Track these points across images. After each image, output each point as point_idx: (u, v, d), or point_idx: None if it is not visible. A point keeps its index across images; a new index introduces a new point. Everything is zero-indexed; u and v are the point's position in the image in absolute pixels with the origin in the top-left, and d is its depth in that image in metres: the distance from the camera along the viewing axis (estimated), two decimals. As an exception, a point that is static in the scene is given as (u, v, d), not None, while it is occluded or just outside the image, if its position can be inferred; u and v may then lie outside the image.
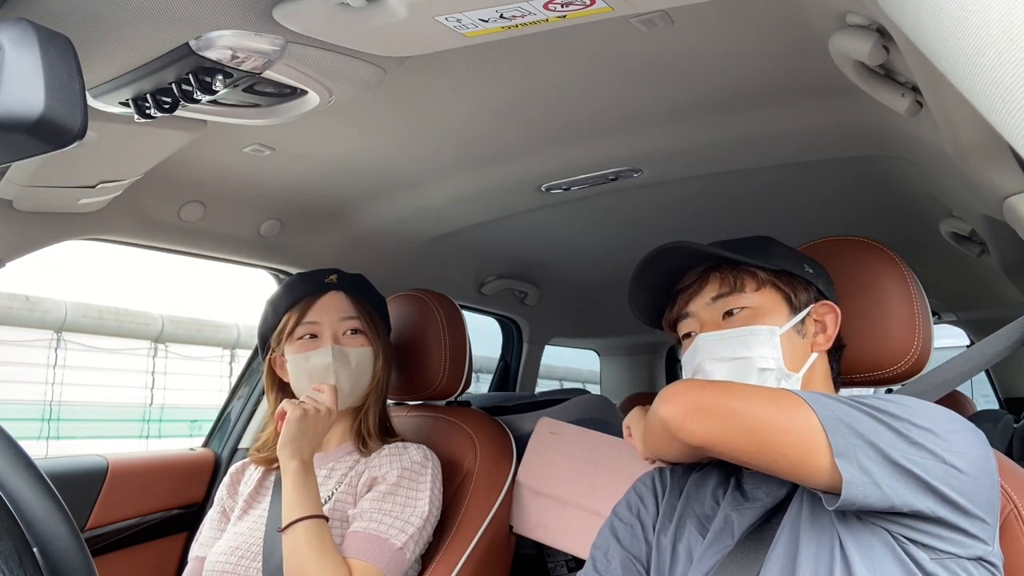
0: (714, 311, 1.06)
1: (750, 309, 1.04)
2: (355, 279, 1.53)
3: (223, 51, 0.94)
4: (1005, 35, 0.46)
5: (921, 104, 1.01)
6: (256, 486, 1.47)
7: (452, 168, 1.67)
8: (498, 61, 1.17)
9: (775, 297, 1.05)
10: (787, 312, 1.04)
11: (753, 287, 1.05)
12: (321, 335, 1.43)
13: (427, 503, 1.36)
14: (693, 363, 1.06)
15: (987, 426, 2.55)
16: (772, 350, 1.01)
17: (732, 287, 1.05)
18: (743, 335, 1.02)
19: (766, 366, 1.00)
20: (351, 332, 1.45)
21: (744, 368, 1.01)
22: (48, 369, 8.27)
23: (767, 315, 1.03)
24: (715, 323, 1.05)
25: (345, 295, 1.48)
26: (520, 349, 3.16)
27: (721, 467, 1.07)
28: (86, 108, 0.55)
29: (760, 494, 0.98)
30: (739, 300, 1.04)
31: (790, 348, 1.02)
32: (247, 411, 2.00)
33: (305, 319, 1.43)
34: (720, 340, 1.03)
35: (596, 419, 1.91)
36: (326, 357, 1.40)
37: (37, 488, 0.61)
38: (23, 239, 1.42)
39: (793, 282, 1.06)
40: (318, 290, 1.46)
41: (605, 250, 2.42)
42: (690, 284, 1.09)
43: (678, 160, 1.61)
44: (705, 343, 1.04)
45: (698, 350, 1.05)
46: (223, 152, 1.48)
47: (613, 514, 1.12)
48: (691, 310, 1.08)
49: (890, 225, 2.00)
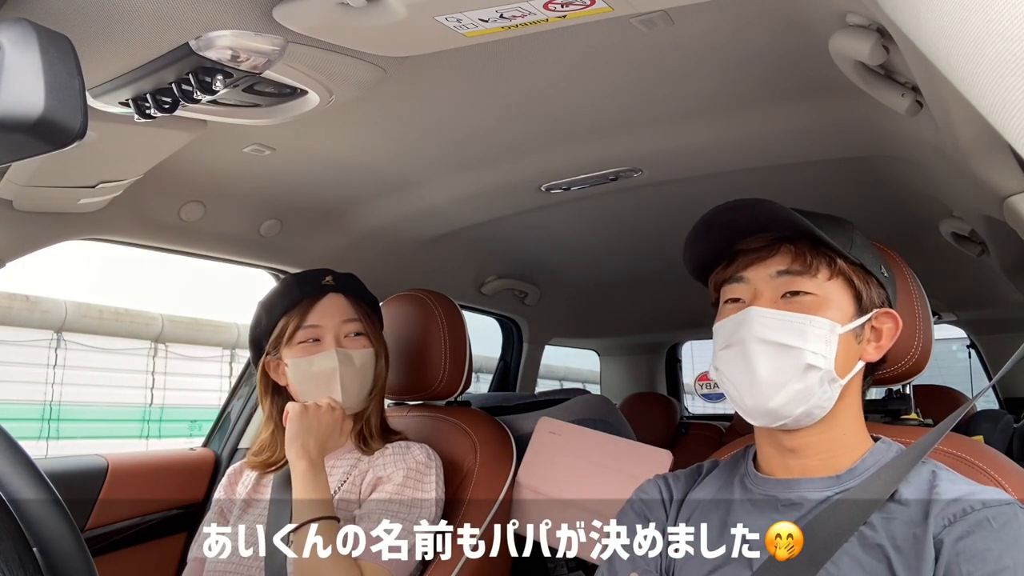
0: (775, 286, 0.95)
1: (815, 297, 0.94)
2: (349, 279, 1.51)
3: (223, 51, 0.94)
4: (1005, 35, 0.46)
5: (921, 104, 1.01)
6: (254, 486, 1.47)
7: (452, 168, 1.67)
8: (498, 61, 1.17)
9: (845, 291, 0.95)
10: (852, 311, 0.95)
11: (826, 275, 0.95)
12: (323, 339, 1.41)
13: (433, 504, 1.36)
14: (732, 335, 0.95)
15: (987, 426, 2.55)
16: (827, 347, 0.92)
17: (804, 267, 0.94)
18: (802, 323, 0.92)
19: (815, 363, 0.91)
20: (354, 334, 1.44)
21: (790, 359, 0.92)
22: (48, 369, 8.27)
23: (831, 308, 0.94)
24: (771, 299, 0.95)
25: (344, 297, 1.46)
26: (520, 349, 3.16)
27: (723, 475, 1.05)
28: (86, 108, 0.55)
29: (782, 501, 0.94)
30: (807, 284, 0.94)
31: (844, 350, 0.94)
32: (247, 411, 2.00)
33: (306, 323, 1.41)
34: (774, 320, 0.93)
35: (596, 419, 1.91)
36: (331, 361, 1.39)
37: (37, 488, 0.61)
38: (23, 239, 1.42)
39: (868, 280, 0.97)
40: (317, 292, 1.44)
41: (605, 250, 2.43)
42: (757, 248, 0.97)
43: (678, 160, 1.61)
44: (756, 318, 0.93)
45: (744, 323, 0.94)
46: (223, 152, 1.48)
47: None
48: (749, 275, 0.97)
49: (890, 225, 2.00)
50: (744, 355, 0.93)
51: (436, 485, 1.39)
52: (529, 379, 3.23)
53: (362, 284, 1.54)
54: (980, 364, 3.75)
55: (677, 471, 1.11)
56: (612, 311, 3.21)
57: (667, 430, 3.41)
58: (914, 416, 1.17)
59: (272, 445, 1.46)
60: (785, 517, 0.92)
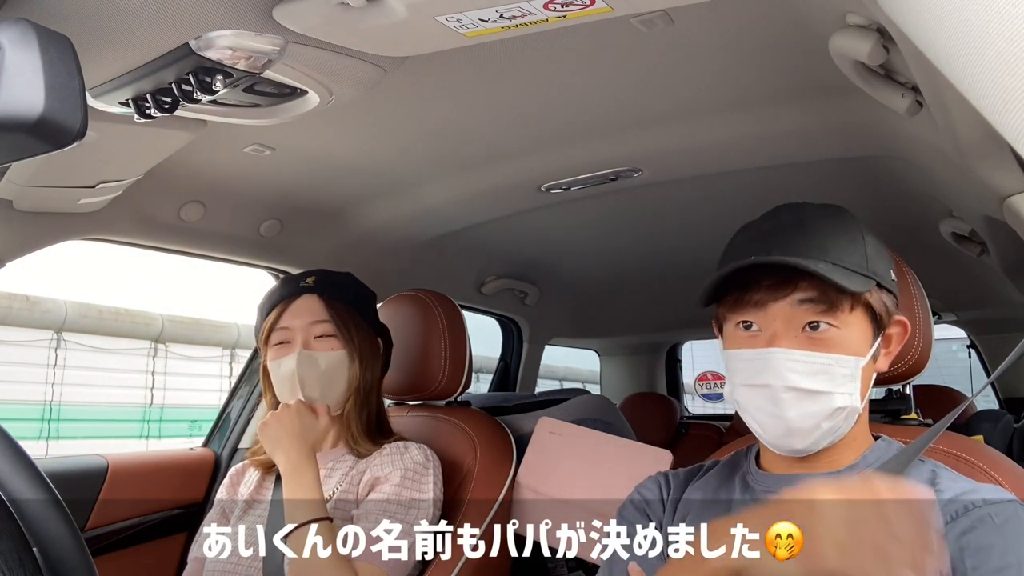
0: (796, 317, 0.90)
1: (838, 331, 0.89)
2: (336, 279, 1.50)
3: (223, 51, 0.94)
4: (1005, 35, 0.46)
5: (921, 104, 1.01)
6: (256, 487, 1.47)
7: (452, 168, 1.67)
8: (498, 61, 1.17)
9: (864, 317, 0.91)
10: (871, 334, 0.92)
11: (848, 308, 0.90)
12: (293, 340, 1.42)
13: (431, 504, 1.36)
14: (756, 376, 0.91)
15: (987, 426, 2.55)
16: (853, 384, 0.89)
17: (830, 302, 0.89)
18: (829, 364, 0.88)
19: (843, 404, 0.89)
20: (321, 336, 1.43)
21: (820, 405, 0.89)
22: (48, 369, 8.27)
23: (853, 340, 0.90)
24: (790, 335, 0.90)
25: (319, 298, 1.44)
26: (520, 349, 3.16)
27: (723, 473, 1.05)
28: (86, 108, 0.55)
29: None
30: (830, 318, 0.89)
31: (866, 377, 0.91)
32: (247, 411, 2.00)
33: (279, 324, 1.42)
34: (801, 364, 0.88)
35: (596, 419, 1.91)
36: (292, 364, 1.39)
37: (37, 488, 0.61)
38: (23, 239, 1.42)
39: (883, 295, 0.92)
40: (292, 294, 1.45)
41: (605, 250, 2.43)
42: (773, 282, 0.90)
43: (678, 160, 1.61)
44: (783, 361, 0.88)
45: (769, 366, 0.89)
46: (223, 152, 1.48)
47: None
48: (769, 303, 0.91)
49: (890, 225, 2.00)
50: (772, 400, 0.90)
51: (434, 485, 1.38)
52: (529, 379, 3.23)
53: (353, 284, 1.53)
54: (980, 364, 3.76)
55: (678, 469, 1.11)
56: (612, 311, 3.22)
57: (667, 430, 3.41)
58: (914, 416, 1.17)
59: None
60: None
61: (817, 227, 0.93)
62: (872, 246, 0.94)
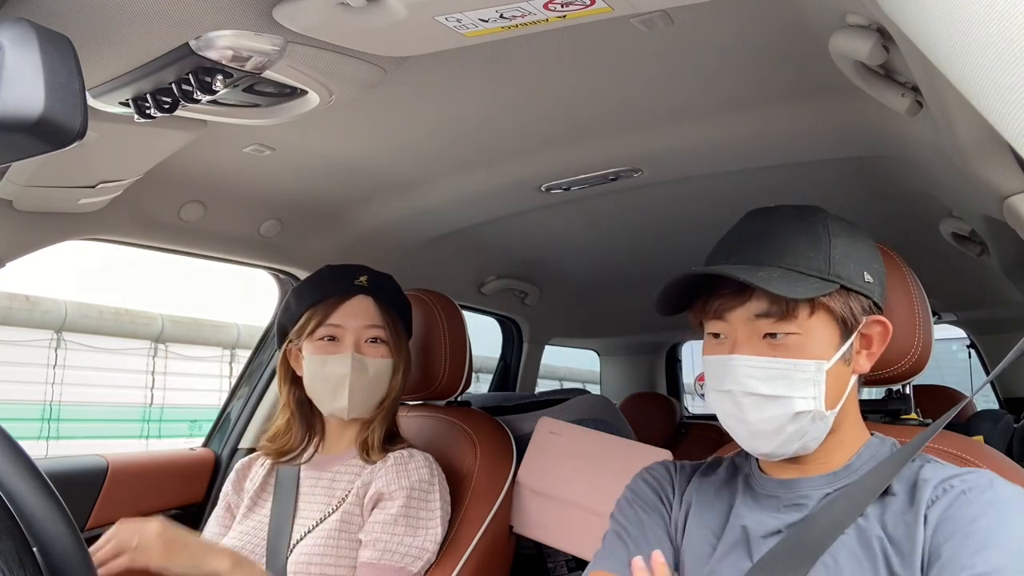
0: (753, 328, 0.92)
1: (798, 336, 0.91)
2: (384, 281, 1.48)
3: (223, 51, 0.94)
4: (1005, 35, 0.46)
5: (921, 104, 1.01)
6: (261, 483, 1.46)
7: (452, 168, 1.67)
8: (498, 61, 1.17)
9: (828, 321, 0.92)
10: (838, 337, 0.92)
11: (807, 313, 0.91)
12: (342, 339, 1.39)
13: (439, 524, 1.35)
14: (720, 381, 0.94)
15: (987, 426, 2.56)
16: (815, 388, 0.90)
17: (782, 311, 0.90)
18: (787, 369, 0.90)
19: (804, 408, 0.90)
20: (374, 341, 1.41)
21: (779, 408, 0.90)
22: (48, 369, 8.27)
23: (815, 344, 0.91)
24: (752, 342, 0.92)
25: (373, 300, 1.42)
26: (520, 349, 3.17)
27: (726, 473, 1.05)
28: (86, 108, 0.55)
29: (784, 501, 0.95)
30: (787, 326, 0.91)
31: (833, 381, 0.92)
32: (247, 411, 2.00)
33: (328, 320, 1.39)
34: (759, 370, 0.91)
35: (596, 419, 1.91)
36: (344, 366, 1.36)
37: (37, 488, 0.61)
38: (23, 239, 1.42)
39: (849, 298, 0.93)
40: (346, 292, 1.41)
41: (605, 250, 2.43)
42: (730, 292, 0.94)
43: (678, 160, 1.61)
44: (741, 368, 0.92)
45: (729, 373, 0.93)
46: (223, 152, 1.48)
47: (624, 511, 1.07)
48: (727, 318, 0.94)
49: (890, 225, 2.00)
50: (734, 404, 0.93)
51: (441, 503, 1.37)
52: (529, 379, 3.23)
53: (398, 288, 1.51)
54: (980, 364, 3.76)
55: (683, 462, 1.12)
56: (612, 311, 3.22)
57: (667, 430, 3.41)
58: (914, 416, 1.17)
59: (287, 432, 1.45)
60: (788, 516, 0.94)
61: (779, 233, 0.95)
62: (841, 249, 0.94)
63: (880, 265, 1.00)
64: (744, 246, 0.96)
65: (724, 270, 0.91)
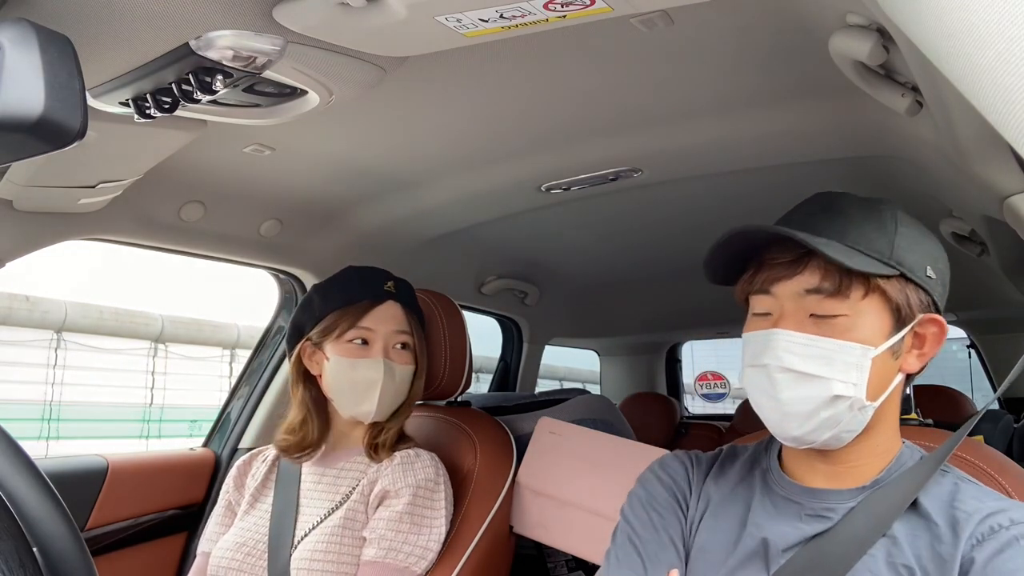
0: (802, 304, 0.88)
1: (847, 318, 0.86)
2: (407, 288, 1.49)
3: (223, 51, 0.94)
4: (1005, 35, 0.46)
5: (921, 104, 1.01)
6: (262, 480, 1.46)
7: (452, 168, 1.67)
8: (498, 61, 1.17)
9: (881, 307, 0.87)
10: (890, 326, 0.87)
11: (861, 294, 0.86)
12: (372, 344, 1.40)
13: (443, 523, 1.36)
14: (758, 356, 0.89)
15: (987, 426, 2.55)
16: (858, 374, 0.85)
17: (835, 287, 0.86)
18: (831, 349, 0.85)
19: (843, 393, 0.85)
20: (401, 346, 1.43)
21: (816, 390, 0.85)
22: (48, 369, 8.26)
23: (864, 328, 0.86)
24: (797, 318, 0.87)
25: (402, 307, 1.44)
26: (520, 349, 3.17)
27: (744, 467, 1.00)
28: (86, 108, 0.55)
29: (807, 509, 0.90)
30: (838, 306, 0.86)
31: (879, 371, 0.87)
32: (247, 411, 2.00)
33: (360, 324, 1.39)
34: (800, 346, 0.86)
35: (596, 419, 1.91)
36: (376, 371, 1.37)
37: (37, 488, 0.61)
38: (23, 239, 1.42)
39: (907, 288, 0.88)
40: (378, 297, 1.42)
41: (605, 250, 2.43)
42: (785, 262, 0.89)
43: (678, 160, 1.61)
44: (781, 342, 0.87)
45: (769, 347, 0.88)
46: (223, 152, 1.48)
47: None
48: (776, 291, 0.89)
49: (890, 225, 2.00)
50: (768, 380, 0.88)
51: (446, 503, 1.38)
52: (529, 379, 3.23)
53: (415, 296, 1.52)
54: (980, 364, 3.76)
55: (698, 453, 1.06)
56: (612, 311, 3.22)
57: (667, 430, 3.42)
58: (914, 416, 1.16)
59: (303, 428, 1.44)
60: (809, 527, 0.89)
61: (843, 212, 0.91)
62: (907, 238, 0.90)
63: (946, 267, 0.95)
64: (807, 220, 0.91)
65: (782, 230, 0.86)
